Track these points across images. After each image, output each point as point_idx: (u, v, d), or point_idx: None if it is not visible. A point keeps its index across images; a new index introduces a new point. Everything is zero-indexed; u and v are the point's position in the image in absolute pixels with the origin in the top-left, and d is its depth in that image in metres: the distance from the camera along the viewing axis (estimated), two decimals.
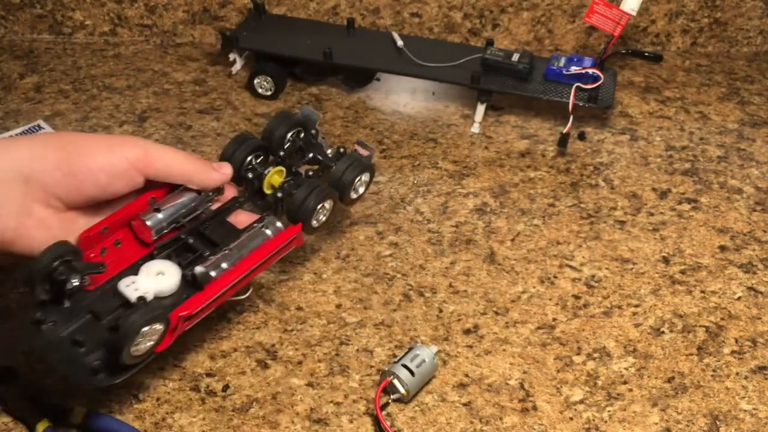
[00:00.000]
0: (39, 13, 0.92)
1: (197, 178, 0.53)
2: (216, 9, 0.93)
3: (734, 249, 0.68)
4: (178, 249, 0.53)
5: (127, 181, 0.50)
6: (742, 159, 0.80)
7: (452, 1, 0.94)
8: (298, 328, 0.59)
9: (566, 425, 0.52)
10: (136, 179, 0.50)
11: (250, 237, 0.53)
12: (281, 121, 0.59)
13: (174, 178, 0.52)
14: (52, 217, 0.49)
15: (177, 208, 0.53)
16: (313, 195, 0.54)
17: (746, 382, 0.56)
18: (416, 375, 0.52)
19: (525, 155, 0.79)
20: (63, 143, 0.49)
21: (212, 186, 0.54)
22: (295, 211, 0.55)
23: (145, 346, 0.45)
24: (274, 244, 0.52)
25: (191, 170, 0.52)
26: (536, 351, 0.58)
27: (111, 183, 0.49)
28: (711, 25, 0.99)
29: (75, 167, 0.48)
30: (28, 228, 0.48)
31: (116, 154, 0.49)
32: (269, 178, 0.57)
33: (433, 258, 0.66)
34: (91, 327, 0.47)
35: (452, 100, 0.87)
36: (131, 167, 0.50)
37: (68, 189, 0.48)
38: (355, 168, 0.58)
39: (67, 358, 0.45)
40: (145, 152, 0.50)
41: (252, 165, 0.58)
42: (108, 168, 0.49)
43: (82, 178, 0.48)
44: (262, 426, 0.52)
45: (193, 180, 0.53)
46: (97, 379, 0.45)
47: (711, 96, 0.91)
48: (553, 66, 0.80)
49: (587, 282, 0.64)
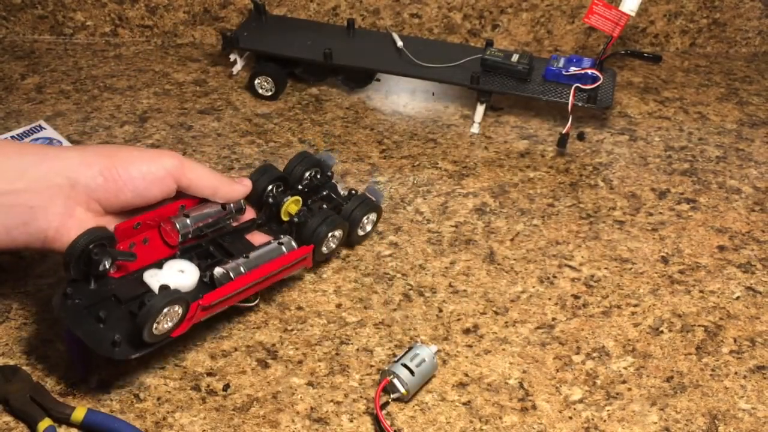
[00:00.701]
0: (40, 13, 0.93)
1: (223, 191, 0.58)
2: (216, 10, 0.93)
3: (733, 249, 0.69)
4: (198, 254, 0.58)
5: (163, 188, 0.55)
6: (741, 159, 0.80)
7: (452, 2, 0.94)
8: (298, 327, 0.59)
9: (565, 424, 0.53)
10: (171, 186, 0.55)
11: (267, 250, 0.58)
12: (302, 159, 0.65)
13: (202, 190, 0.57)
14: (91, 220, 0.53)
15: (203, 217, 0.58)
16: (326, 223, 0.60)
17: (745, 381, 0.56)
18: (416, 374, 0.53)
19: (524, 155, 0.79)
20: (110, 152, 0.54)
21: (235, 198, 0.59)
22: (308, 236, 0.60)
23: (166, 326, 0.49)
24: (288, 258, 0.58)
25: (218, 183, 0.58)
26: (535, 350, 0.58)
27: (148, 189, 0.54)
28: (710, 25, 0.99)
29: (117, 173, 0.53)
30: (69, 229, 0.52)
31: (156, 163, 0.54)
32: (287, 206, 0.62)
33: (433, 258, 0.66)
34: (113, 308, 0.52)
35: (452, 100, 0.87)
36: (168, 175, 0.54)
37: (108, 194, 0.53)
38: (364, 207, 0.64)
39: (91, 331, 0.50)
40: (181, 163, 0.55)
41: (272, 192, 0.63)
42: (147, 175, 0.54)
43: (122, 184, 0.53)
44: (262, 425, 0.52)
45: (219, 192, 0.58)
46: (117, 351, 0.49)
47: (710, 96, 0.91)
48: (553, 66, 0.80)
49: (586, 282, 0.64)
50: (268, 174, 0.63)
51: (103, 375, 0.54)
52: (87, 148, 0.54)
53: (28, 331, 0.57)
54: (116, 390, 0.53)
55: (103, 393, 0.53)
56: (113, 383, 0.54)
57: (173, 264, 0.55)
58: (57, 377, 0.54)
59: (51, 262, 0.63)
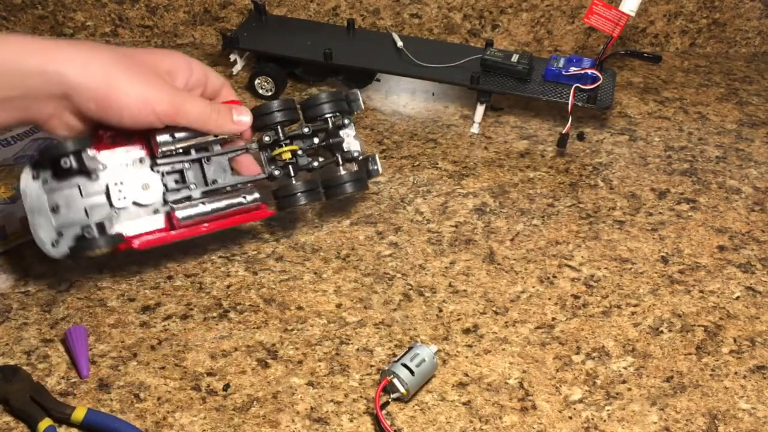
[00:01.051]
0: (40, 14, 0.92)
1: (219, 131, 0.60)
2: (217, 10, 0.93)
3: (733, 249, 0.69)
4: (171, 172, 0.60)
5: (151, 125, 0.56)
6: (741, 159, 0.80)
7: (452, 2, 0.94)
8: (298, 327, 0.59)
9: (565, 424, 0.53)
10: (158, 125, 0.56)
11: (228, 197, 0.61)
12: (331, 99, 0.65)
13: (196, 129, 0.59)
14: (79, 125, 0.55)
15: (189, 136, 0.59)
16: (305, 195, 0.63)
17: (745, 381, 0.56)
18: (416, 374, 0.53)
19: (524, 155, 0.79)
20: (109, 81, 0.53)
21: (225, 134, 0.61)
22: (281, 197, 0.63)
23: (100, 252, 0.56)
24: (245, 218, 0.62)
25: (213, 125, 0.59)
26: (535, 350, 0.58)
27: (133, 125, 0.55)
28: (710, 25, 0.99)
29: (108, 106, 0.53)
30: (56, 127, 0.55)
31: (148, 108, 0.55)
32: (281, 150, 0.63)
33: (433, 258, 0.66)
34: (73, 200, 0.56)
35: (452, 100, 0.87)
36: (157, 120, 0.55)
37: (97, 116, 0.54)
38: (353, 184, 0.65)
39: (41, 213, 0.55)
40: (174, 108, 0.56)
41: (278, 126, 0.64)
42: (137, 117, 0.55)
43: (110, 115, 0.54)
44: (262, 425, 0.52)
45: (211, 131, 0.60)
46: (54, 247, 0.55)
47: (710, 96, 0.91)
48: (553, 67, 0.80)
49: (586, 282, 0.64)
50: (285, 112, 0.63)
51: (103, 375, 0.54)
52: (91, 62, 0.53)
53: (28, 331, 0.57)
54: (116, 390, 0.53)
55: (103, 393, 0.53)
56: (113, 383, 0.54)
57: (140, 176, 0.59)
58: (57, 377, 0.54)
59: (51, 262, 0.63)
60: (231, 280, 0.63)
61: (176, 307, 0.60)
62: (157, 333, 0.58)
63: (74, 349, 0.55)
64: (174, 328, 0.58)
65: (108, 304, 0.60)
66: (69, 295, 0.61)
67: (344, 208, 0.71)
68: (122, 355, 0.56)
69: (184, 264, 0.64)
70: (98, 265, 0.63)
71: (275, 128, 0.64)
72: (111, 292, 0.61)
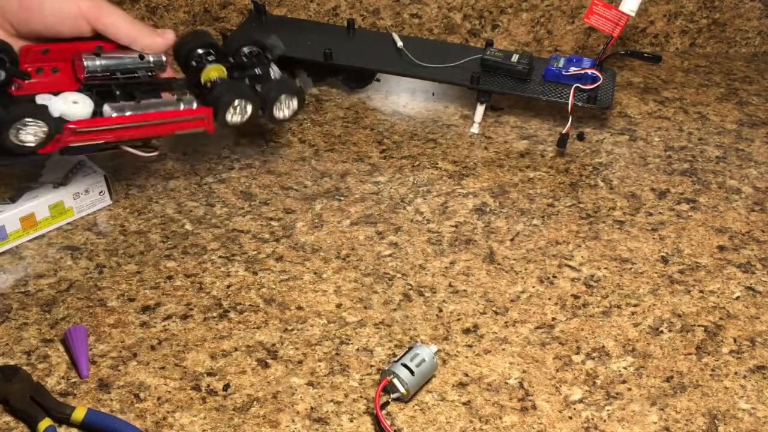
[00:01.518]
0: None
1: (141, 42, 0.59)
2: (217, 10, 0.93)
3: (733, 249, 0.69)
4: (100, 92, 0.58)
5: (74, 27, 0.56)
6: (741, 159, 0.80)
7: (452, 2, 0.94)
8: (298, 327, 0.59)
9: (565, 424, 0.53)
10: (83, 27, 0.56)
11: (163, 101, 0.60)
12: (247, 36, 0.65)
13: (120, 37, 0.58)
14: (4, 38, 0.55)
15: (116, 61, 0.59)
16: (233, 91, 0.62)
17: (745, 381, 0.56)
18: (416, 374, 0.53)
19: (524, 155, 0.79)
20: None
21: (154, 50, 0.60)
22: (213, 101, 0.62)
23: (28, 138, 0.53)
24: (180, 113, 0.61)
25: (137, 33, 0.58)
26: (535, 350, 0.58)
27: (57, 24, 0.55)
28: (710, 25, 0.99)
29: (31, 3, 0.54)
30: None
31: (71, 1, 0.55)
32: (208, 71, 0.62)
33: (433, 258, 0.66)
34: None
35: (452, 100, 0.87)
36: (81, 15, 0.55)
37: (20, 20, 0.54)
38: (282, 88, 0.64)
39: None
40: (98, 6, 0.56)
41: (199, 57, 0.63)
42: (58, 11, 0.54)
43: (32, 14, 0.54)
44: (262, 425, 0.52)
45: (137, 42, 0.58)
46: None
47: (710, 96, 0.91)
48: (553, 67, 0.80)
49: (586, 282, 0.64)
50: (199, 38, 0.63)
51: (103, 375, 0.54)
52: None
53: (28, 331, 0.57)
54: (116, 390, 0.53)
55: (103, 393, 0.53)
56: (113, 383, 0.54)
57: (69, 95, 0.56)
58: (57, 377, 0.54)
59: (51, 262, 0.63)
60: (231, 280, 0.63)
61: (176, 307, 0.60)
62: (157, 333, 0.58)
63: (74, 349, 0.55)
64: (174, 328, 0.58)
65: (108, 304, 0.60)
66: (69, 295, 0.61)
67: (344, 208, 0.71)
68: (122, 355, 0.56)
69: (184, 264, 0.64)
70: (98, 265, 0.63)
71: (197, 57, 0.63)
72: (111, 292, 0.61)
